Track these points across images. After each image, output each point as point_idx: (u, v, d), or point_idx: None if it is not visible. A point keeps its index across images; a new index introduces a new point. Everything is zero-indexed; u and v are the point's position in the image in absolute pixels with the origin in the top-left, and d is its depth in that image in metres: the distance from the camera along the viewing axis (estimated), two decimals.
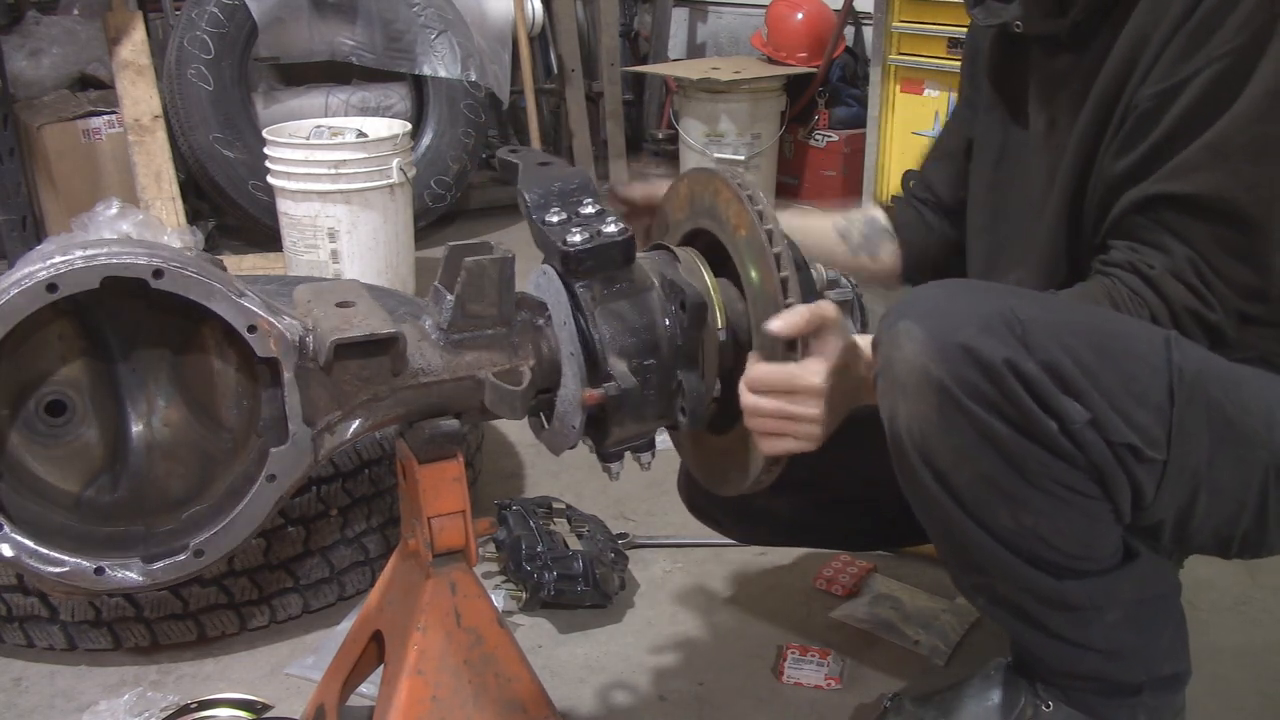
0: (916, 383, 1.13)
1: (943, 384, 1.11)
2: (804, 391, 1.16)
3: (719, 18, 5.28)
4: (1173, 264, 1.20)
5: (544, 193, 1.22)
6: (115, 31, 3.51)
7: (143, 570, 1.03)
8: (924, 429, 1.15)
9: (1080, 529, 1.20)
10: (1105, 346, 1.13)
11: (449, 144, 3.98)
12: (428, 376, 1.13)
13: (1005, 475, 1.14)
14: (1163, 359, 1.14)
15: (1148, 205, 1.22)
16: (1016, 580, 1.24)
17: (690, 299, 1.18)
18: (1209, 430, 1.15)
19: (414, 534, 1.22)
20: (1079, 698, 1.33)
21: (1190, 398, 1.13)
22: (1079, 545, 1.21)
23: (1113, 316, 1.20)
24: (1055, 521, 1.18)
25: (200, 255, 1.06)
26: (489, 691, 1.22)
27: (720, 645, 1.76)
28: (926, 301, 1.15)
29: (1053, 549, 1.20)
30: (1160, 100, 1.21)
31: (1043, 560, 1.21)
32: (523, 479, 2.29)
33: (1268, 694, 1.62)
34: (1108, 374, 1.12)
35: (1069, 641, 1.28)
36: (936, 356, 1.11)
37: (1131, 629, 1.28)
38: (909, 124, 3.29)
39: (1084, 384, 1.10)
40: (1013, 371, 1.09)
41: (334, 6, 3.79)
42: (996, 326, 1.10)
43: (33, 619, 1.67)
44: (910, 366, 1.13)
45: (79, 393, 1.07)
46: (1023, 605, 1.27)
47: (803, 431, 1.17)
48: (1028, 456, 1.13)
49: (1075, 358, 1.10)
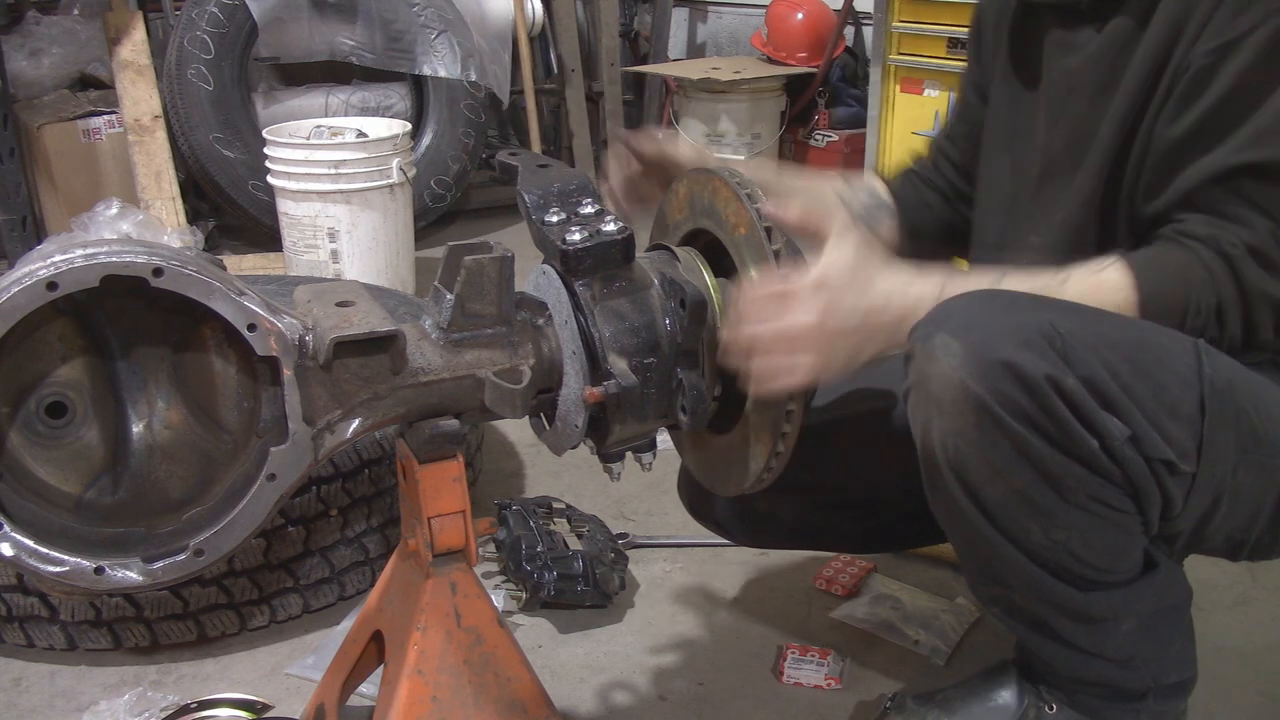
0: (954, 399, 1.11)
1: (982, 400, 1.09)
2: (796, 301, 1.12)
3: (719, 18, 5.28)
4: (1256, 238, 1.16)
5: (543, 193, 1.22)
6: (115, 31, 3.51)
7: (143, 570, 1.03)
8: (960, 445, 1.13)
9: (1111, 543, 1.19)
10: (1140, 360, 1.11)
11: (449, 144, 3.98)
12: (428, 375, 1.13)
13: (1041, 491, 1.13)
14: (1194, 370, 1.12)
15: (1226, 177, 1.18)
16: (1040, 593, 1.22)
17: (690, 297, 1.18)
18: (1235, 440, 1.14)
19: (414, 534, 1.22)
20: (1083, 701, 1.32)
21: (1220, 409, 1.12)
22: (1108, 559, 1.20)
23: (1143, 326, 1.17)
24: (1088, 536, 1.16)
25: (200, 255, 1.06)
26: (489, 691, 1.22)
27: (720, 645, 1.76)
28: (963, 315, 1.12)
29: (1082, 563, 1.19)
30: (1216, 58, 1.17)
31: (1069, 573, 1.20)
32: (523, 479, 2.29)
33: (1268, 694, 1.62)
34: (1143, 388, 1.10)
35: (1082, 650, 1.27)
36: (976, 373, 1.09)
37: (1145, 638, 1.27)
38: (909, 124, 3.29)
39: (1123, 399, 1.09)
40: (1055, 388, 1.07)
41: (334, 6, 3.78)
42: (1037, 342, 1.08)
43: (33, 619, 1.67)
44: (947, 382, 1.11)
45: (79, 394, 1.07)
46: (1042, 616, 1.26)
47: (802, 362, 1.13)
48: (1066, 473, 1.11)
49: (1114, 372, 1.09)
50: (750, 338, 1.14)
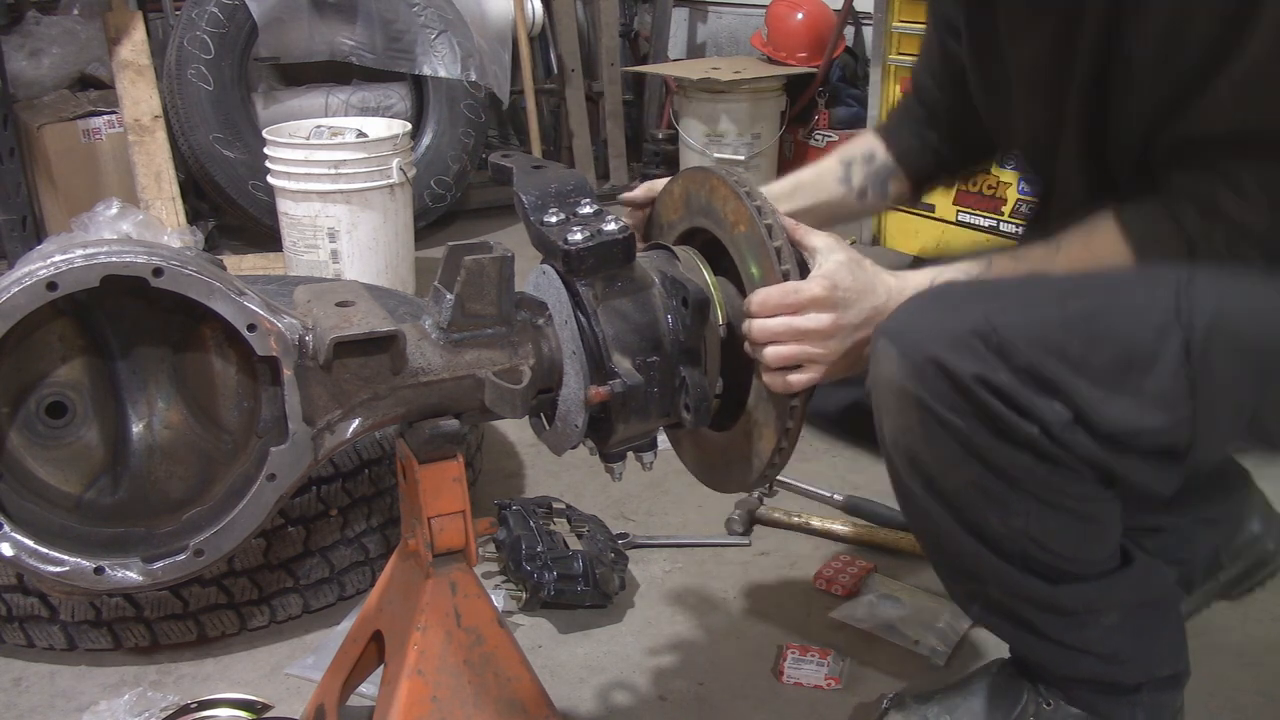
0: (897, 399, 1.15)
1: (920, 400, 1.13)
2: (809, 303, 1.15)
3: (719, 18, 5.28)
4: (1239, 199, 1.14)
5: (541, 194, 1.22)
6: (115, 31, 3.51)
7: (143, 570, 1.03)
8: (909, 442, 1.17)
9: (1072, 531, 1.20)
10: (1099, 329, 1.11)
11: (449, 144, 3.98)
12: (428, 375, 1.13)
13: (991, 482, 1.15)
14: (1170, 317, 1.10)
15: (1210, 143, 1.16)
16: (1009, 586, 1.24)
17: (693, 295, 1.19)
18: (1244, 364, 1.11)
19: (414, 534, 1.22)
20: (1079, 696, 1.33)
21: (1208, 346, 1.09)
22: (1073, 547, 1.21)
23: (1115, 284, 1.16)
24: (1045, 524, 1.18)
25: (200, 255, 1.06)
26: (489, 691, 1.22)
27: (720, 645, 1.76)
28: (904, 317, 1.16)
29: (1046, 551, 1.20)
30: None
31: (1036, 564, 1.21)
32: (523, 479, 2.29)
33: (1268, 694, 1.62)
34: (1101, 359, 1.10)
35: (1066, 646, 1.28)
36: (911, 374, 1.13)
37: (1129, 633, 1.28)
38: None
39: (1069, 381, 1.09)
40: (984, 385, 1.09)
41: (334, 6, 3.79)
42: (966, 340, 1.10)
43: (33, 619, 1.67)
44: (889, 384, 1.15)
45: (79, 394, 1.07)
46: (1017, 611, 1.27)
47: (817, 353, 1.16)
48: (1012, 463, 1.13)
49: (1061, 354, 1.09)
50: (761, 329, 1.17)
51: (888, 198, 1.61)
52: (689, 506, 2.16)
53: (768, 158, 4.36)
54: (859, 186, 1.59)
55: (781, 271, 1.16)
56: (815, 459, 2.36)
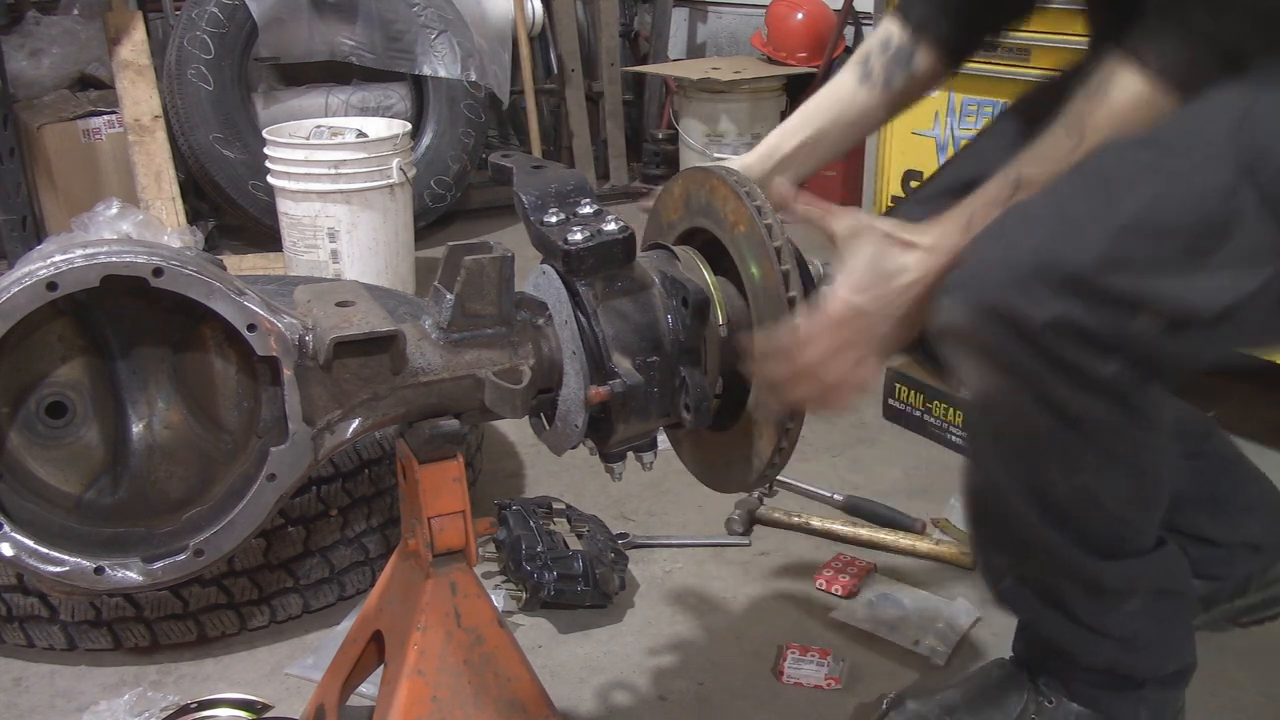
0: (967, 351, 1.13)
1: (990, 350, 1.10)
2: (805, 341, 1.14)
3: (719, 18, 5.28)
4: None
5: (541, 194, 1.22)
6: (115, 31, 3.51)
7: (143, 570, 1.03)
8: (983, 391, 1.15)
9: (1131, 491, 1.19)
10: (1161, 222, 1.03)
11: (449, 144, 3.98)
12: (428, 375, 1.13)
13: (1062, 432, 1.12)
14: (1232, 175, 1.01)
15: None
16: (1055, 555, 1.22)
17: (693, 295, 1.19)
18: None
19: (414, 534, 1.22)
20: (1082, 691, 1.33)
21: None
22: (1128, 508, 1.20)
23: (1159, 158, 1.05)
24: (1107, 481, 1.16)
25: (200, 255, 1.06)
26: (489, 691, 1.22)
27: (720, 645, 1.76)
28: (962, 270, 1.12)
29: (1103, 513, 1.18)
30: None
31: (1088, 533, 1.20)
32: (523, 479, 2.29)
33: (1269, 694, 1.62)
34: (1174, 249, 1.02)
35: (1088, 628, 1.27)
36: (978, 326, 1.09)
37: (1149, 619, 1.28)
38: (909, 124, 3.28)
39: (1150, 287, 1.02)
40: (1056, 330, 1.05)
41: (334, 6, 3.78)
42: (1029, 284, 1.04)
43: (33, 619, 1.67)
44: (958, 335, 1.12)
45: (79, 394, 1.07)
46: (1053, 588, 1.26)
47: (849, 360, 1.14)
48: (1085, 410, 1.09)
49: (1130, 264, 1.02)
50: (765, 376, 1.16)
51: (918, 78, 1.44)
52: (689, 506, 2.16)
53: None
54: (882, 78, 1.43)
55: (782, 272, 1.16)
56: (815, 459, 2.36)
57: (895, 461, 2.38)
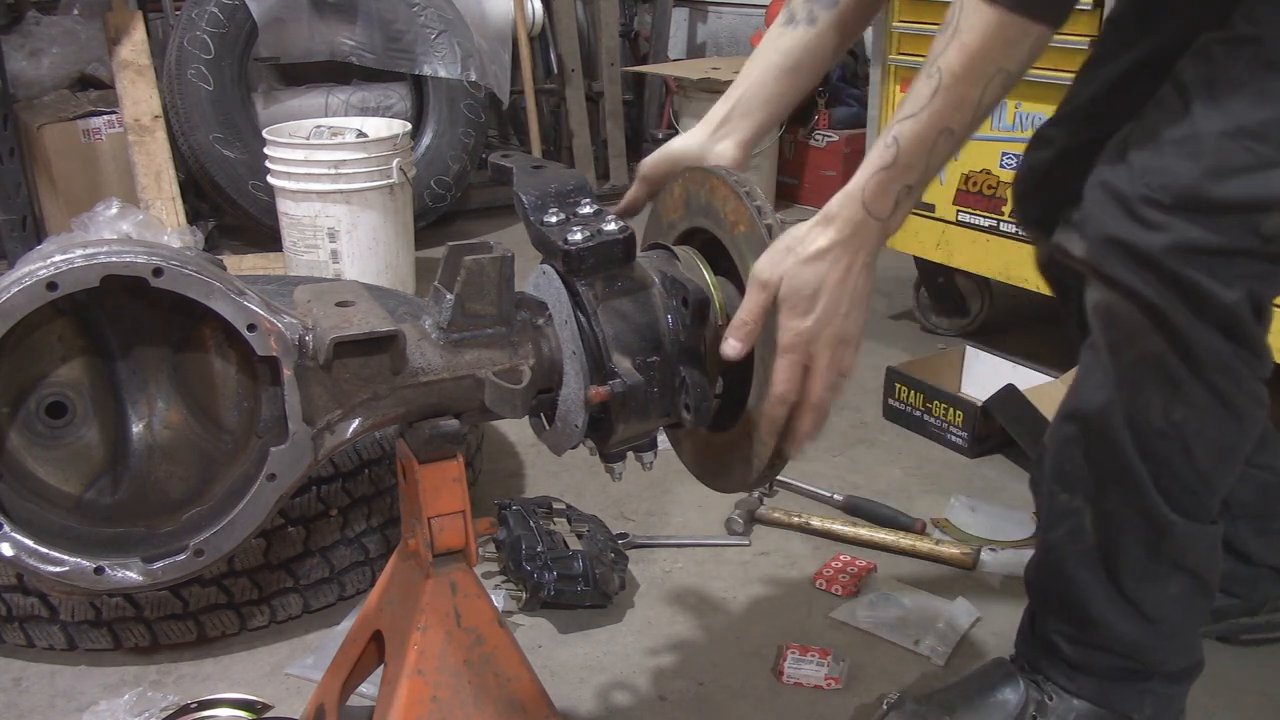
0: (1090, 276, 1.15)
1: (1110, 277, 1.11)
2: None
3: (719, 18, 5.29)
4: None
5: (541, 194, 1.22)
6: (115, 31, 3.51)
7: (143, 570, 1.03)
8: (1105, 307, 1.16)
9: (1222, 440, 1.19)
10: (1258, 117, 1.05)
11: (449, 144, 3.98)
12: (428, 375, 1.13)
13: (1171, 360, 1.14)
14: None
15: None
16: (1129, 497, 1.22)
17: (693, 295, 1.19)
18: None
19: (414, 534, 1.22)
20: (1086, 684, 1.32)
21: None
22: (1214, 459, 1.20)
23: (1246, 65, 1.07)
24: (1204, 421, 1.17)
25: (200, 255, 1.06)
26: (489, 691, 1.22)
27: (720, 645, 1.76)
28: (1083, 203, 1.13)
29: (1190, 458, 1.19)
30: None
31: (1171, 479, 1.21)
32: (523, 479, 2.29)
33: (1269, 694, 1.62)
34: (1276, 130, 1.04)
35: (1125, 597, 1.27)
36: (1101, 256, 1.11)
37: (1177, 607, 1.28)
38: None
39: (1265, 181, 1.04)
40: (1175, 254, 1.06)
41: (334, 6, 3.79)
42: (1140, 212, 1.07)
43: (33, 619, 1.67)
44: (1083, 266, 1.14)
45: (79, 394, 1.07)
46: (1112, 538, 1.26)
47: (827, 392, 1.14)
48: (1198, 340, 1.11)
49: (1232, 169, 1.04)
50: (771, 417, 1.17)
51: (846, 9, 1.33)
52: (689, 506, 2.16)
53: (768, 158, 4.36)
54: (804, 15, 1.34)
55: None
56: (815, 459, 2.36)
57: (895, 461, 2.38)
